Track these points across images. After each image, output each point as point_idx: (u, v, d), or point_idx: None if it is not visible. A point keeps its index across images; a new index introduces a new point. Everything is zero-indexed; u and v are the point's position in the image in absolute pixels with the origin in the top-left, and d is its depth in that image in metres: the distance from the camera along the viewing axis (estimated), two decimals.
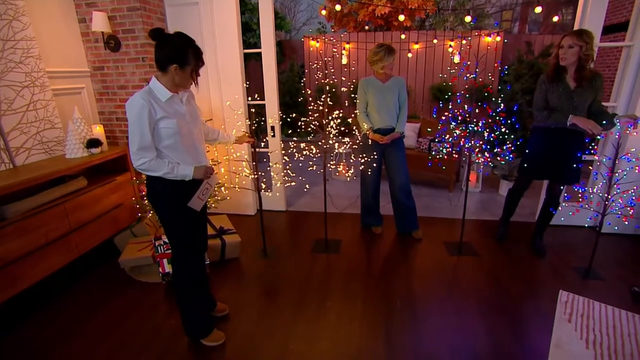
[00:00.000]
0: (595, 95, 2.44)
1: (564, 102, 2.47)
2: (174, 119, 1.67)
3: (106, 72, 3.18)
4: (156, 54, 1.64)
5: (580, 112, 2.45)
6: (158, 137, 1.67)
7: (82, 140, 2.80)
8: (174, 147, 1.71)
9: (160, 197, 1.77)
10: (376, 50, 2.84)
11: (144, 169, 1.67)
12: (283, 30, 8.52)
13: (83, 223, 2.64)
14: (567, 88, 2.46)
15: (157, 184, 1.74)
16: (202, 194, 1.84)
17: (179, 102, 1.74)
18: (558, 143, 2.58)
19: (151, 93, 1.65)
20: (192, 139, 1.79)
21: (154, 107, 1.62)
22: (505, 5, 11.75)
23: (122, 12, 2.97)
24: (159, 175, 1.70)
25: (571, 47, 2.34)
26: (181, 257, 1.89)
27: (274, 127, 3.47)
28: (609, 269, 2.70)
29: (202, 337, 2.01)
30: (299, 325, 2.16)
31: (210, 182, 1.89)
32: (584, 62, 2.36)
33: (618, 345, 2.01)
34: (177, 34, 1.66)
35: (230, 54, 3.30)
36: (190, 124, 1.78)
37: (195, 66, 1.70)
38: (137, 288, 2.56)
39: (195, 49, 1.68)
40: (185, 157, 1.76)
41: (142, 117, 1.59)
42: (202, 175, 1.78)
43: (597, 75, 2.43)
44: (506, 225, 3.16)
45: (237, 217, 3.57)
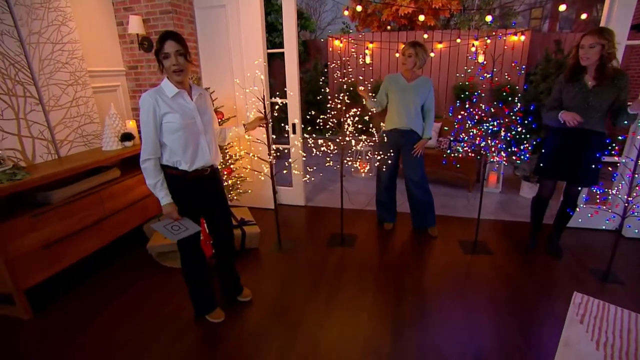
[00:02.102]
0: (618, 95, 2.36)
1: (578, 102, 2.44)
2: (177, 114, 1.80)
3: (139, 71, 3.41)
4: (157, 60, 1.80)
5: (596, 112, 2.40)
6: (163, 133, 1.82)
7: (117, 134, 3.02)
8: (177, 141, 1.83)
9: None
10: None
11: (144, 167, 1.82)
12: (308, 30, 8.65)
13: (116, 210, 2.86)
14: (584, 87, 2.42)
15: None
16: (172, 228, 1.93)
17: (187, 99, 1.86)
18: (574, 143, 2.53)
19: (159, 91, 1.81)
20: (197, 136, 1.90)
21: (159, 104, 1.77)
22: (534, 3, 11.39)
23: (155, 15, 3.19)
24: (150, 175, 1.83)
25: (592, 46, 2.28)
26: (180, 243, 2.04)
27: (295, 125, 3.60)
28: (629, 272, 2.65)
29: (206, 313, 2.20)
30: (310, 313, 2.27)
31: (184, 224, 1.94)
32: (606, 61, 2.30)
33: (631, 349, 1.99)
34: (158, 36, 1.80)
35: (255, 53, 3.45)
36: (198, 121, 1.89)
37: (161, 48, 1.74)
38: (163, 273, 2.75)
39: (161, 36, 1.75)
40: (187, 152, 1.87)
41: (149, 113, 1.76)
42: (165, 212, 1.87)
43: (620, 74, 2.35)
44: (534, 237, 3.00)
45: (258, 210, 3.72)
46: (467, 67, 6.70)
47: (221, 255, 2.29)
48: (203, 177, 1.98)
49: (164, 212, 1.89)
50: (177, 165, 1.88)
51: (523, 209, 3.86)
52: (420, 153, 3.01)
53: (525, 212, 3.77)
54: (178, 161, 1.87)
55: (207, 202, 2.09)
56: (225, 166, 3.25)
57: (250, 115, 2.58)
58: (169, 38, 1.74)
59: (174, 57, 1.75)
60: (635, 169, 2.36)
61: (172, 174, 1.89)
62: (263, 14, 3.41)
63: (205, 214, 2.16)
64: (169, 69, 1.77)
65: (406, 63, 2.86)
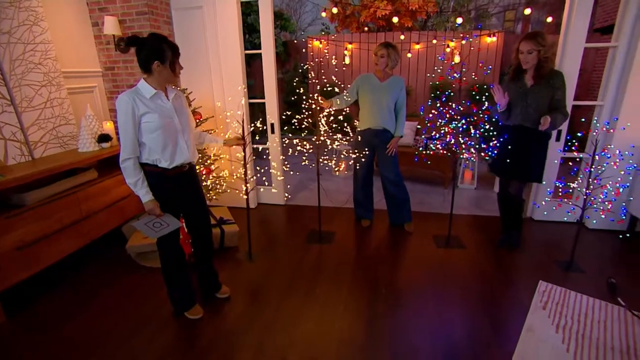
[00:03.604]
0: (553, 94, 2.51)
1: (518, 101, 2.59)
2: (155, 113, 1.85)
3: (116, 72, 3.40)
4: (138, 57, 1.83)
5: (534, 110, 2.54)
6: (142, 132, 1.86)
7: (94, 135, 3.01)
8: (156, 140, 1.87)
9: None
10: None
11: (124, 167, 1.85)
12: (288, 30, 8.69)
13: (94, 212, 2.85)
14: (523, 87, 2.58)
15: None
16: (154, 225, 1.96)
17: (164, 99, 1.92)
18: (516, 140, 2.65)
19: (137, 91, 1.84)
20: (175, 135, 1.95)
21: (137, 104, 1.81)
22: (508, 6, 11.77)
23: (132, 17, 3.18)
24: (130, 174, 1.86)
25: (530, 52, 2.46)
26: (159, 241, 2.08)
27: (274, 124, 3.65)
28: (590, 262, 2.80)
29: (185, 311, 2.23)
30: (287, 307, 2.34)
31: (166, 220, 1.97)
32: (544, 63, 2.46)
33: (587, 331, 2.12)
34: (151, 35, 1.85)
35: (232, 54, 3.49)
36: (175, 120, 1.95)
37: (173, 57, 1.86)
38: (142, 273, 2.76)
39: (169, 43, 1.85)
40: (166, 151, 1.92)
41: (127, 113, 1.79)
42: (147, 208, 1.91)
43: (555, 74, 2.50)
44: (505, 232, 3.06)
45: (238, 210, 3.75)
46: (439, 67, 6.89)
47: (200, 253, 2.33)
48: (182, 174, 2.04)
49: (147, 209, 1.92)
50: (156, 163, 1.93)
51: (495, 204, 4.00)
52: (394, 151, 3.11)
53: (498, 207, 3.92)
54: (157, 159, 1.92)
55: (186, 199, 2.14)
56: (204, 166, 3.28)
57: (229, 131, 2.58)
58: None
59: (178, 64, 1.92)
60: (592, 163, 2.51)
61: (151, 171, 1.93)
62: (240, 15, 3.45)
63: (184, 211, 2.20)
64: (171, 73, 1.88)
65: (379, 63, 2.96)
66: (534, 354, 1.94)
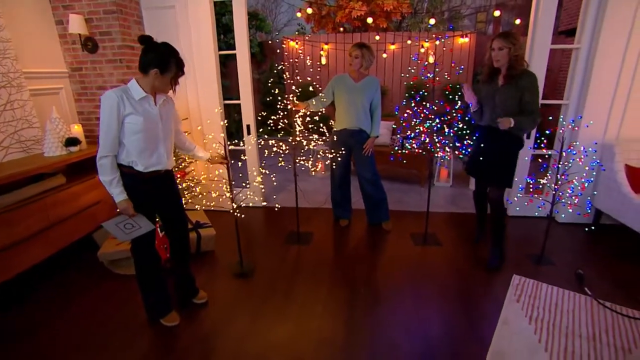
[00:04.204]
0: (522, 95, 2.42)
1: (488, 101, 2.57)
2: (140, 117, 1.82)
3: (84, 73, 3.26)
4: (141, 57, 1.82)
5: (501, 111, 2.47)
6: (123, 132, 1.82)
7: (61, 139, 2.88)
8: (137, 145, 1.85)
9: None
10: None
11: (100, 164, 1.81)
12: (263, 31, 8.62)
13: (62, 218, 2.73)
14: (494, 87, 2.54)
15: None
16: (125, 227, 1.91)
17: (152, 104, 1.89)
18: (485, 141, 2.64)
19: (126, 90, 1.81)
20: (156, 141, 1.93)
21: (124, 103, 1.78)
22: (479, 7, 12.13)
23: (99, 15, 3.07)
24: (106, 172, 1.82)
25: (501, 49, 2.41)
26: (134, 246, 2.04)
27: (250, 126, 3.61)
28: (560, 255, 2.92)
29: (161, 317, 2.18)
30: (266, 308, 2.32)
31: (138, 221, 1.93)
32: (514, 62, 2.41)
33: (557, 320, 2.20)
34: (164, 44, 1.85)
35: (206, 55, 3.42)
36: (159, 127, 1.92)
37: (176, 75, 1.87)
38: (115, 280, 2.67)
39: (178, 60, 1.86)
40: (144, 155, 1.89)
41: (112, 110, 1.75)
42: (120, 208, 1.87)
43: (525, 74, 2.41)
44: (480, 228, 3.13)
45: (214, 213, 3.68)
46: (414, 67, 7.01)
47: (176, 257, 2.28)
48: (158, 177, 2.00)
49: (120, 208, 1.88)
50: (132, 165, 1.89)
51: (471, 201, 4.10)
52: (370, 151, 3.13)
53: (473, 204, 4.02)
54: (134, 161, 1.89)
55: (162, 202, 2.09)
56: (178, 169, 3.20)
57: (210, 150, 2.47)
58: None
59: (177, 81, 1.91)
60: (559, 160, 2.61)
61: (127, 172, 1.89)
62: (214, 15, 3.39)
63: (161, 214, 2.16)
64: (167, 84, 1.86)
65: (353, 64, 2.98)
66: (508, 346, 2.00)
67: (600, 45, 3.00)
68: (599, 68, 3.05)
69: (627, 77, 3.05)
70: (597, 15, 3.01)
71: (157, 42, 1.84)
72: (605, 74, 3.06)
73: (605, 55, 3.02)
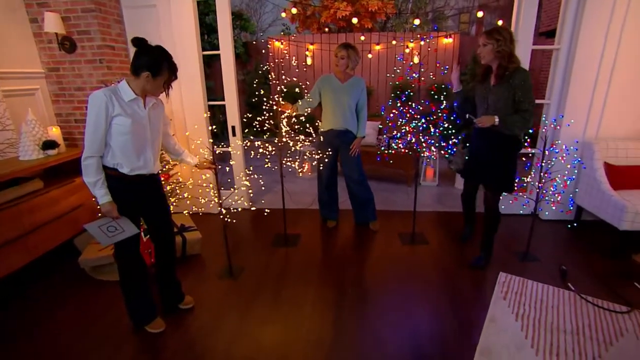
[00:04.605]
0: (514, 94, 2.31)
1: (481, 102, 2.49)
2: (129, 119, 1.78)
3: (62, 73, 3.16)
4: (134, 59, 1.79)
5: (494, 111, 2.38)
6: (110, 134, 1.78)
7: (37, 142, 2.78)
8: (123, 147, 1.81)
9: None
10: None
11: (86, 164, 1.76)
12: (248, 31, 8.54)
13: (41, 224, 2.64)
14: (487, 86, 2.45)
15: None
16: (107, 229, 1.86)
17: (141, 106, 1.85)
18: (481, 144, 2.56)
19: (116, 91, 1.78)
20: (144, 144, 1.89)
21: (113, 103, 1.74)
22: (462, 8, 12.32)
23: (77, 14, 2.98)
24: (91, 173, 1.77)
25: (485, 45, 2.33)
26: (118, 251, 1.99)
27: (235, 127, 3.56)
28: (544, 251, 2.97)
29: (145, 324, 2.12)
30: (254, 312, 2.29)
31: (122, 224, 1.88)
32: (502, 60, 2.31)
33: (542, 316, 2.24)
34: (157, 47, 1.83)
35: (190, 55, 3.36)
36: (147, 130, 1.89)
37: (168, 79, 1.85)
38: (97, 287, 2.59)
39: (171, 64, 1.84)
40: (130, 160, 1.85)
41: (100, 110, 1.71)
42: (104, 210, 1.82)
43: (517, 72, 2.29)
44: (467, 227, 3.12)
45: (200, 216, 3.62)
46: (399, 67, 7.06)
47: (162, 262, 2.22)
48: (143, 180, 1.95)
49: (103, 211, 1.83)
50: (117, 168, 1.85)
51: (457, 200, 4.13)
52: (356, 152, 3.13)
53: (459, 202, 4.04)
54: (119, 164, 1.85)
55: (148, 205, 2.05)
56: (162, 172, 3.13)
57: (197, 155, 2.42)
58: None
59: (170, 85, 1.90)
60: (543, 158, 2.66)
61: (111, 174, 1.85)
62: (197, 15, 3.34)
63: (146, 217, 2.11)
64: (159, 88, 1.84)
65: (339, 65, 2.97)
66: (496, 343, 2.02)
67: (579, 47, 3.07)
68: (578, 68, 3.12)
69: (605, 77, 3.13)
70: (575, 18, 3.08)
71: (151, 45, 1.81)
72: (584, 74, 3.13)
73: (584, 56, 3.09)
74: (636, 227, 2.71)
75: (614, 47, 3.05)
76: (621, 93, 3.15)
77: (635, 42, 3.03)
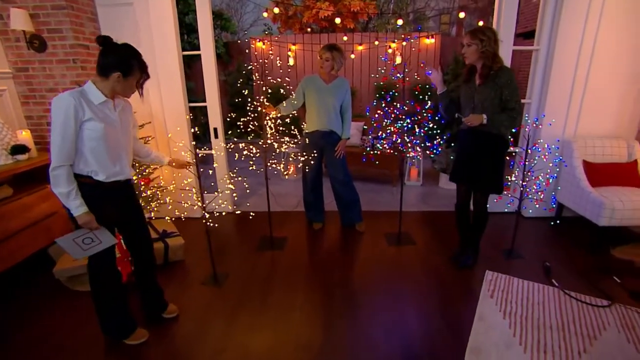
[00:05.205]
0: (500, 93, 2.30)
1: (467, 102, 2.44)
2: (101, 123, 1.68)
3: (31, 73, 3.00)
4: (101, 59, 1.68)
5: (481, 111, 2.35)
6: (82, 140, 1.67)
7: (5, 146, 2.63)
8: (97, 153, 1.71)
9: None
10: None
11: (55, 174, 1.63)
12: (229, 31, 8.42)
13: (11, 233, 2.49)
14: (472, 87, 2.42)
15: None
16: (83, 242, 1.75)
17: (111, 109, 1.76)
18: (469, 145, 2.51)
19: (83, 94, 1.66)
20: (118, 148, 1.80)
21: (83, 107, 1.62)
22: (443, 9, 12.54)
23: (46, 10, 2.83)
24: (63, 184, 1.64)
25: (469, 45, 2.29)
26: (93, 263, 1.88)
27: (217, 129, 3.47)
28: (528, 248, 3.02)
29: (124, 338, 2.01)
30: (241, 318, 2.22)
31: (99, 235, 1.78)
32: (487, 60, 2.29)
33: (529, 313, 2.29)
34: (125, 45, 1.73)
35: (169, 56, 3.26)
36: (119, 133, 1.80)
37: (140, 78, 1.76)
38: (74, 298, 2.46)
39: (141, 62, 1.75)
40: (106, 166, 1.76)
41: (68, 115, 1.58)
42: (82, 221, 1.71)
43: (503, 72, 2.30)
44: (463, 245, 2.83)
45: (182, 221, 3.52)
46: (382, 67, 7.10)
47: (141, 271, 2.13)
48: (118, 186, 1.86)
49: (81, 223, 1.71)
50: (92, 175, 1.74)
51: (442, 199, 4.20)
52: (342, 154, 3.10)
53: (444, 202, 4.11)
54: (94, 171, 1.74)
55: (123, 213, 1.94)
56: (142, 176, 3.02)
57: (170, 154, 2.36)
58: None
59: (142, 85, 1.81)
60: (526, 157, 2.69)
61: (85, 182, 1.73)
62: (176, 14, 3.23)
63: (121, 226, 2.00)
64: (130, 88, 1.76)
65: (324, 67, 2.94)
66: (485, 341, 2.04)
67: (557, 48, 3.14)
68: (557, 69, 3.19)
69: (582, 78, 3.21)
70: (553, 20, 3.15)
71: (117, 42, 1.71)
72: (562, 75, 3.20)
73: (562, 58, 3.16)
74: (614, 222, 2.78)
75: (589, 49, 3.13)
76: (597, 93, 3.24)
77: (609, 44, 3.12)
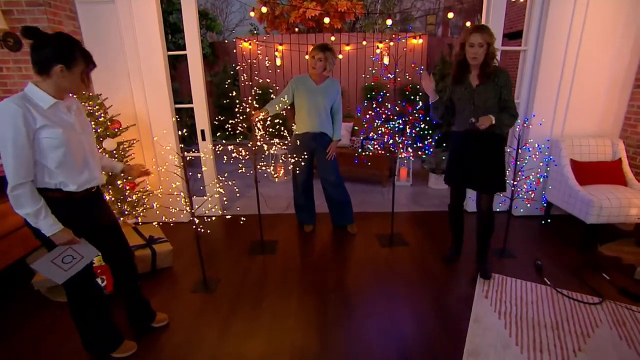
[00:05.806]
0: (500, 93, 2.30)
1: (465, 103, 2.38)
2: (58, 128, 1.51)
3: (6, 74, 2.87)
4: (35, 55, 1.48)
5: (482, 112, 2.30)
6: (40, 150, 1.49)
7: None
8: (62, 161, 1.54)
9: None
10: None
11: (16, 195, 1.46)
12: (214, 31, 8.30)
13: None
14: (469, 87, 2.36)
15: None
16: (63, 261, 1.61)
17: (65, 111, 1.58)
18: (468, 146, 2.45)
19: (27, 99, 1.47)
20: (83, 153, 1.65)
21: (32, 114, 1.44)
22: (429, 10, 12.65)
23: (21, 7, 2.70)
24: (27, 203, 1.48)
25: (481, 45, 2.20)
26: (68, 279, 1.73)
27: (204, 131, 3.39)
28: (519, 247, 3.03)
29: (112, 352, 1.91)
30: (234, 325, 2.16)
31: (80, 250, 1.65)
32: (489, 60, 2.26)
33: (523, 312, 2.29)
34: (59, 33, 1.54)
35: (154, 56, 3.16)
36: (81, 136, 1.64)
37: (86, 67, 1.57)
38: (56, 310, 2.35)
39: (83, 49, 1.56)
40: (74, 174, 1.60)
41: (18, 126, 1.40)
42: (61, 241, 1.58)
43: (500, 72, 2.30)
44: (455, 245, 2.85)
45: (170, 226, 3.42)
46: (372, 68, 7.10)
47: (123, 282, 2.01)
48: (90, 196, 1.71)
49: (60, 242, 1.57)
50: (60, 187, 1.58)
51: (432, 199, 4.21)
52: (333, 155, 3.06)
53: (434, 201, 4.11)
54: (62, 182, 1.57)
55: (98, 224, 1.80)
56: (127, 180, 2.92)
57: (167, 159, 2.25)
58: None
59: (89, 76, 1.65)
60: (517, 157, 2.70)
61: (55, 196, 1.57)
62: (160, 13, 3.14)
63: (95, 238, 1.79)
64: (77, 81, 1.56)
65: (316, 67, 2.88)
66: (482, 343, 2.03)
67: (544, 49, 3.17)
68: (544, 69, 3.22)
69: (568, 77, 3.25)
70: (540, 20, 3.18)
71: (49, 33, 1.51)
72: (549, 75, 3.24)
73: (549, 58, 3.19)
74: (601, 220, 2.81)
75: (574, 50, 3.17)
76: (583, 93, 3.29)
77: (594, 45, 3.17)
